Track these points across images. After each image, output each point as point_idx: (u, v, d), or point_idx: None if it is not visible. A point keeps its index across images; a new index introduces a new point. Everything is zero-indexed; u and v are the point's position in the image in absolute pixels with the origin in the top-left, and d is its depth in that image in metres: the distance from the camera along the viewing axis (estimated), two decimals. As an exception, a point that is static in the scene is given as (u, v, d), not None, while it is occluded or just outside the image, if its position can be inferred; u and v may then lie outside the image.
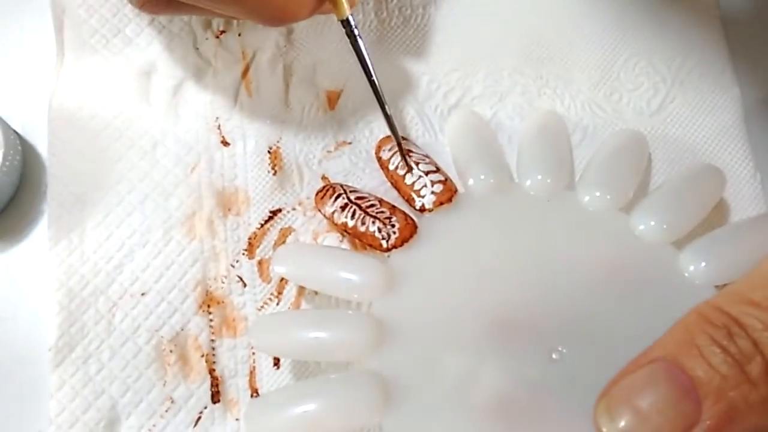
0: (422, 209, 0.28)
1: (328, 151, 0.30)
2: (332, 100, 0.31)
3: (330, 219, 0.28)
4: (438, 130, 0.30)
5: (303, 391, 0.24)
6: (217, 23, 0.31)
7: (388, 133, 0.28)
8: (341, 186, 0.29)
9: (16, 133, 0.30)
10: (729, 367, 0.20)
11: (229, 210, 0.29)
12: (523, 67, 0.31)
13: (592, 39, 0.32)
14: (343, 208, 0.28)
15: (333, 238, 0.29)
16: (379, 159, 0.30)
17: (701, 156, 0.30)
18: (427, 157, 0.29)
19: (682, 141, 0.30)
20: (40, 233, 0.29)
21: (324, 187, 0.29)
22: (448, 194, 0.28)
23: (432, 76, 0.31)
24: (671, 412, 0.20)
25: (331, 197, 0.28)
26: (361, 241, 0.27)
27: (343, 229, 0.28)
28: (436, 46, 0.32)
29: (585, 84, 0.31)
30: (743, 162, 0.30)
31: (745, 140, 0.30)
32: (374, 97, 0.27)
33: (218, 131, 0.30)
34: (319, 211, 0.28)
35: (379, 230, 0.27)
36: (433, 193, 0.28)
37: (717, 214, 0.29)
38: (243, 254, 0.29)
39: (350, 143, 0.30)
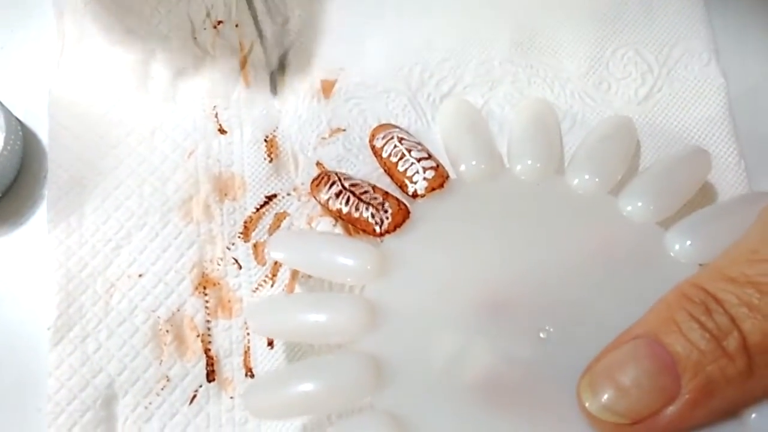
0: (415, 195, 0.28)
1: (323, 138, 0.31)
2: (327, 89, 0.31)
3: (325, 206, 0.28)
4: (430, 118, 0.31)
5: (298, 371, 0.24)
6: (215, 14, 0.32)
7: (382, 121, 0.29)
8: (336, 174, 0.29)
9: (18, 119, 0.30)
10: (707, 342, 0.20)
11: (226, 195, 0.30)
12: (513, 57, 0.32)
13: (581, 29, 0.32)
14: (337, 195, 0.28)
15: (326, 223, 0.29)
16: (372, 147, 0.30)
17: (687, 144, 0.30)
18: (419, 144, 0.29)
19: (669, 129, 0.31)
20: (40, 217, 0.29)
21: (319, 175, 0.29)
22: (440, 180, 0.28)
23: (424, 65, 0.32)
24: (651, 386, 0.20)
25: (326, 185, 0.29)
26: (354, 226, 0.28)
27: (338, 215, 0.28)
28: (428, 36, 0.32)
29: (574, 73, 0.32)
30: (728, 150, 0.30)
31: (730, 129, 0.30)
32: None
33: (215, 119, 0.31)
34: (315, 198, 0.29)
35: (373, 216, 0.27)
36: (425, 179, 0.28)
37: (703, 200, 0.29)
38: (239, 237, 0.29)
39: (344, 130, 0.31)
